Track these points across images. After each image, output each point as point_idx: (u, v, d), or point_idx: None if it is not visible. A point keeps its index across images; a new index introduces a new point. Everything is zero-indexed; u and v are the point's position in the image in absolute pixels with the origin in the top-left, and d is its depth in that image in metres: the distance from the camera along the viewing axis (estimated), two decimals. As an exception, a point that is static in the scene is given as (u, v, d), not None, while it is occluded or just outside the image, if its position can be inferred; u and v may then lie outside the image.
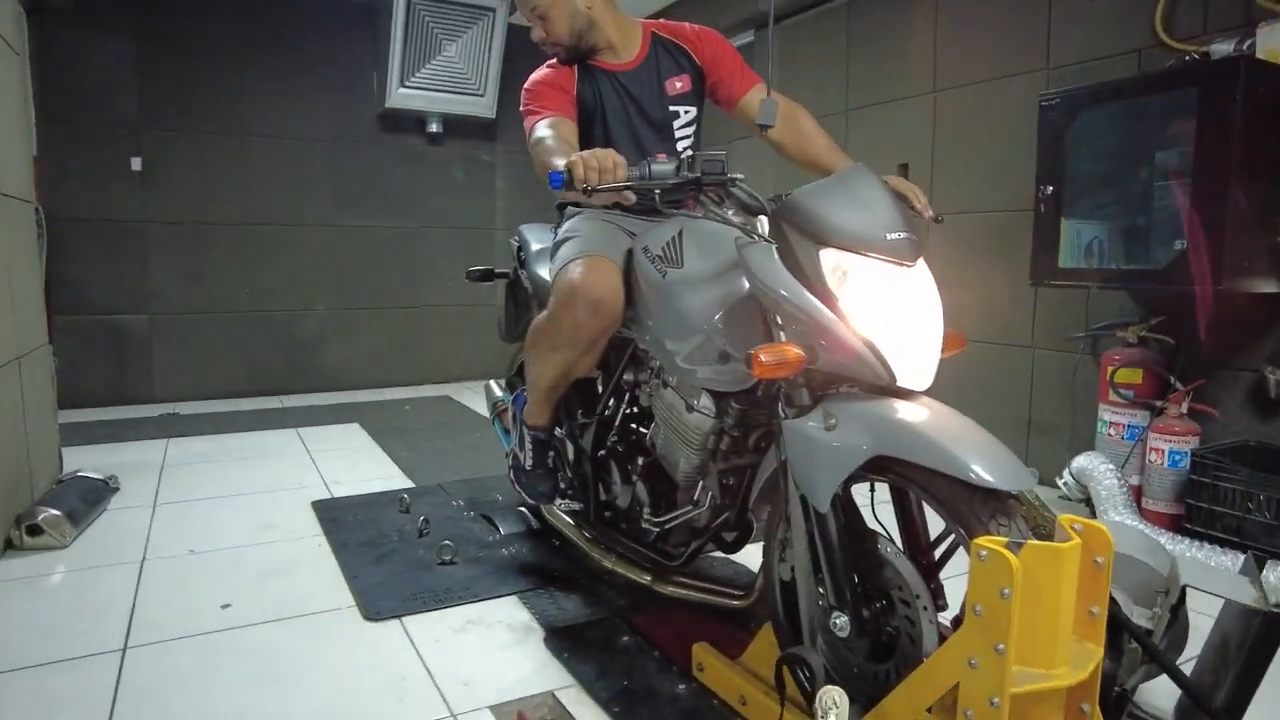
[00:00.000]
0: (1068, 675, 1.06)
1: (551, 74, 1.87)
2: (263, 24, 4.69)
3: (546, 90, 1.82)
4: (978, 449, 1.14)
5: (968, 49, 3.26)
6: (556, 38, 1.85)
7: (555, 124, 1.74)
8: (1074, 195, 2.51)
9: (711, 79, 1.96)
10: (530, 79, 1.88)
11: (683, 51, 1.95)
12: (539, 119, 1.77)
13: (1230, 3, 2.42)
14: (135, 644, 1.78)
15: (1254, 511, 2.15)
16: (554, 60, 1.91)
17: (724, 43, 1.99)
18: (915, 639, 1.24)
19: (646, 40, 1.93)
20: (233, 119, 4.67)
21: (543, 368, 1.81)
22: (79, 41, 4.21)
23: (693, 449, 1.63)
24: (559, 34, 1.85)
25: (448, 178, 5.36)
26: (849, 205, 1.30)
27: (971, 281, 3.03)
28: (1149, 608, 1.35)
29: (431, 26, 4.74)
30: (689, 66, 1.94)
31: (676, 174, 1.37)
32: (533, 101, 1.82)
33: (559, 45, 1.87)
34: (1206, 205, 2.16)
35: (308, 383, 5.00)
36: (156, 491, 2.90)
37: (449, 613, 1.94)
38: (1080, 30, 2.84)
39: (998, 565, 1.02)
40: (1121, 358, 2.60)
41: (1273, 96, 2.13)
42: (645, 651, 1.76)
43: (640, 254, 1.69)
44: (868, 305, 1.25)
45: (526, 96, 1.85)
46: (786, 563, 1.44)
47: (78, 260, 4.26)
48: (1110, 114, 2.42)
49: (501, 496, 2.84)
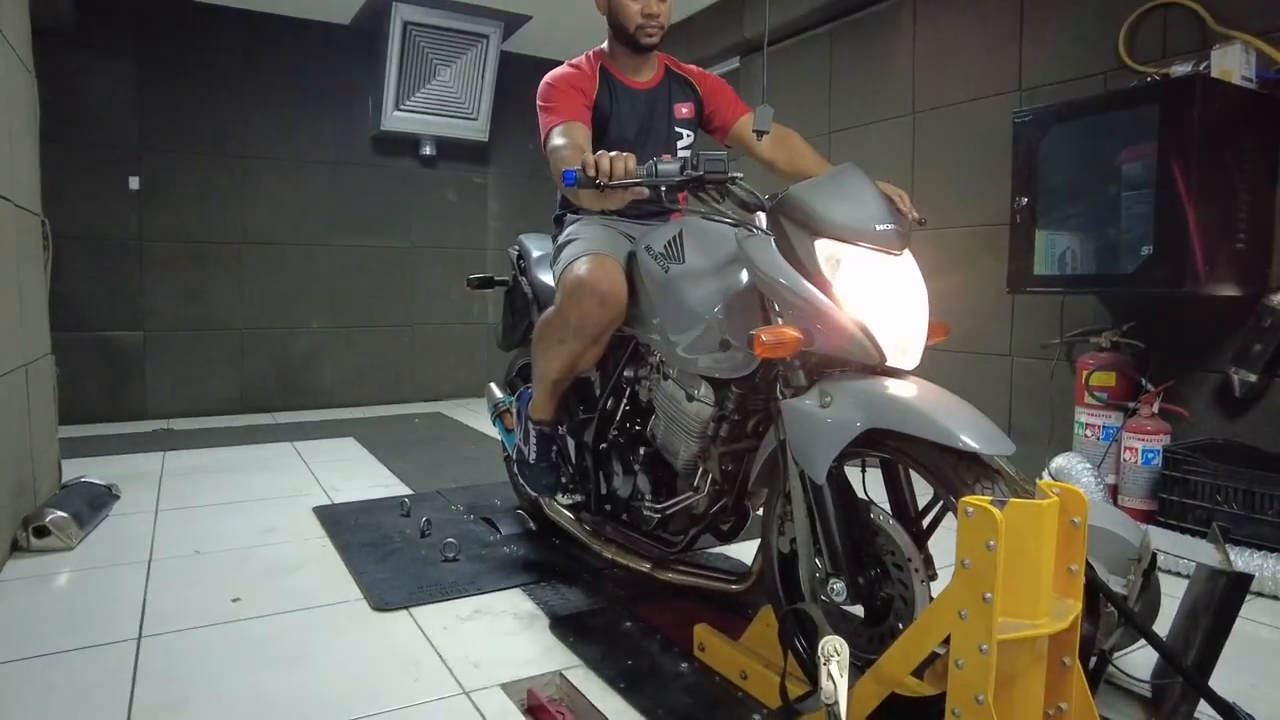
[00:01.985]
0: (1050, 625, 1.15)
1: (574, 75, 1.98)
2: (261, 48, 4.80)
3: (567, 90, 1.93)
4: (962, 418, 1.23)
5: (944, 73, 3.43)
6: (666, 19, 1.99)
7: (570, 129, 1.85)
8: (1047, 206, 2.65)
9: (709, 108, 2.16)
10: (552, 74, 1.98)
11: (689, 84, 2.15)
12: (556, 124, 1.87)
13: (1187, 28, 2.59)
14: (150, 633, 1.82)
15: (1223, 503, 2.26)
16: (578, 62, 2.02)
17: (722, 81, 2.21)
18: (909, 600, 1.32)
19: (661, 68, 2.12)
20: (230, 140, 4.77)
21: (550, 360, 1.89)
22: (81, 63, 4.30)
23: (693, 436, 1.72)
24: (668, 18, 2.00)
25: (441, 199, 5.47)
26: (841, 200, 1.41)
27: (951, 292, 3.14)
28: (1123, 576, 1.44)
29: (427, 52, 4.87)
30: (694, 98, 2.14)
31: (681, 172, 1.48)
32: (550, 100, 1.92)
33: (662, 29, 1.99)
34: (1170, 214, 2.30)
35: (300, 400, 5.04)
36: (157, 499, 2.93)
37: (456, 603, 2.00)
38: (1050, 54, 3.01)
39: (984, 520, 1.10)
40: (1095, 362, 2.73)
41: (1227, 112, 2.29)
42: (648, 635, 1.82)
43: (643, 252, 1.79)
44: (859, 291, 1.36)
45: (546, 92, 1.94)
46: (785, 536, 1.52)
47: (74, 277, 4.29)
48: (1080, 129, 2.57)
49: (500, 501, 2.90)
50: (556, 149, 1.82)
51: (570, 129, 1.85)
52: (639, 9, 1.94)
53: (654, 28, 1.97)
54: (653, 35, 1.98)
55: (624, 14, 1.95)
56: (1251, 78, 2.36)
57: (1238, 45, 2.35)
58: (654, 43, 2.00)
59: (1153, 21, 2.69)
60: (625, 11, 1.95)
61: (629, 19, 1.95)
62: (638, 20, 1.95)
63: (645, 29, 1.96)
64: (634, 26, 1.96)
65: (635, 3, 1.94)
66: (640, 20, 1.95)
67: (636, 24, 1.95)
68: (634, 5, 1.94)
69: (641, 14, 1.94)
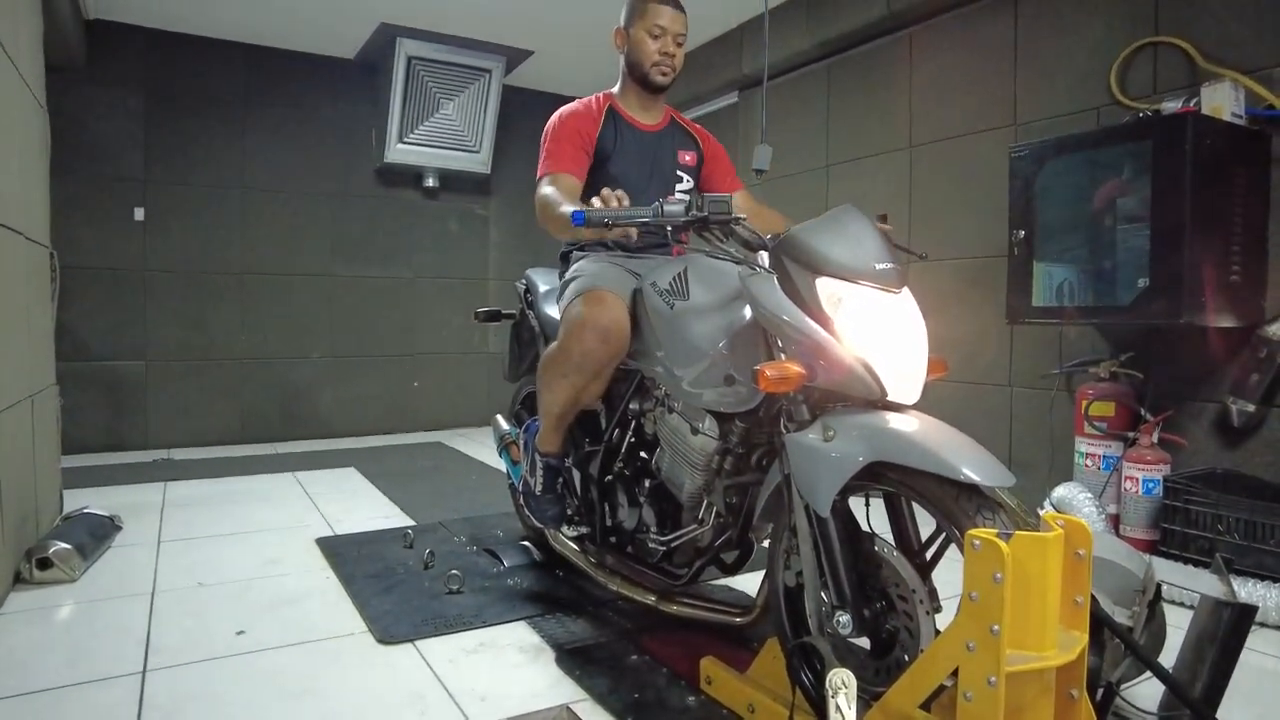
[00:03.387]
0: (1057, 657, 1.16)
1: (580, 115, 2.06)
2: (266, 81, 4.88)
3: (569, 137, 2.02)
4: (964, 451, 1.26)
5: (941, 107, 3.50)
6: (679, 63, 2.09)
7: (558, 180, 1.95)
8: (1045, 239, 2.69)
9: (706, 169, 2.26)
10: (560, 112, 2.08)
11: (693, 137, 2.25)
12: (547, 173, 1.98)
13: (1177, 65, 2.65)
14: (154, 667, 1.81)
15: (1225, 533, 2.27)
16: (587, 101, 2.11)
17: (723, 148, 2.31)
18: (914, 633, 1.33)
19: (667, 115, 2.22)
20: (235, 172, 4.83)
21: (554, 394, 1.91)
22: (90, 98, 4.38)
23: (697, 469, 1.74)
24: (680, 63, 2.09)
25: (443, 230, 5.52)
26: (841, 239, 1.44)
27: (951, 324, 3.18)
28: (1128, 607, 1.45)
29: (430, 86, 4.95)
30: (696, 149, 2.23)
31: (686, 213, 1.51)
32: (550, 144, 2.02)
33: (675, 70, 2.09)
34: (1165, 246, 2.34)
35: (301, 430, 5.04)
36: (159, 530, 2.93)
37: (461, 636, 2.00)
38: (1044, 90, 3.08)
39: (990, 553, 1.12)
40: (1095, 392, 2.75)
41: (1219, 147, 2.34)
42: (654, 668, 1.82)
43: (649, 289, 1.82)
44: (860, 327, 1.39)
45: (549, 133, 2.05)
46: (791, 570, 1.53)
47: (78, 308, 4.33)
48: (1076, 163, 2.62)
49: (502, 532, 2.90)
50: (543, 197, 1.90)
51: (558, 180, 1.95)
52: (656, 48, 2.04)
53: (668, 68, 2.07)
54: (666, 75, 2.07)
55: (641, 51, 2.05)
56: (1241, 114, 2.41)
57: (1227, 83, 2.41)
58: (665, 84, 2.09)
59: (1143, 59, 2.75)
60: (643, 49, 2.04)
61: (646, 56, 2.05)
62: (654, 59, 2.05)
63: (660, 68, 2.06)
64: (649, 64, 2.05)
65: (653, 42, 2.04)
66: (657, 59, 2.05)
67: (653, 62, 2.05)
68: (652, 45, 2.04)
69: (658, 53, 2.04)
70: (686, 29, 2.08)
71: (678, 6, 2.07)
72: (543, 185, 1.96)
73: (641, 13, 2.04)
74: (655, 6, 2.04)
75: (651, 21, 2.03)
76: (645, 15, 2.04)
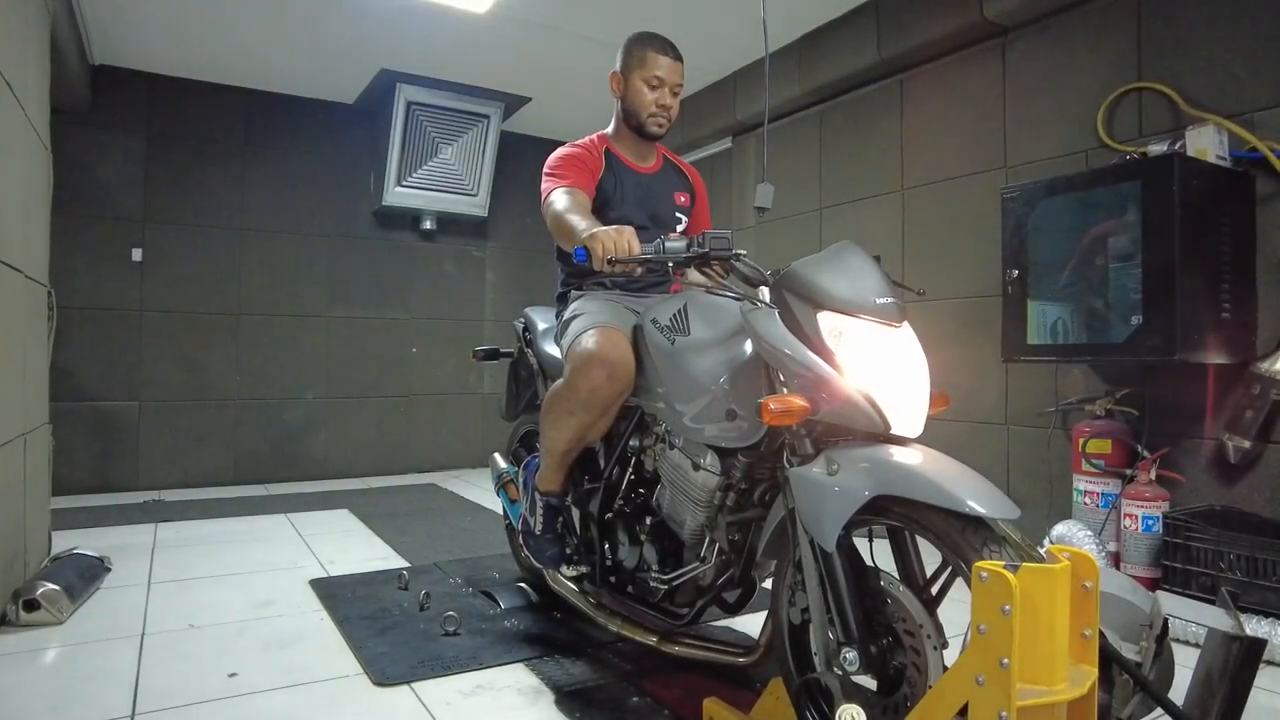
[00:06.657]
0: (1068, 691, 1.14)
1: (581, 154, 2.08)
2: (267, 125, 4.95)
3: (575, 165, 2.03)
4: (968, 484, 1.26)
5: (932, 151, 3.57)
6: (674, 114, 2.12)
7: (572, 193, 1.94)
8: (1037, 278, 2.73)
9: (696, 208, 2.28)
10: (560, 151, 2.09)
11: (685, 178, 2.28)
12: (558, 186, 1.96)
13: (1161, 110, 2.73)
14: (143, 710, 1.77)
15: (1226, 570, 2.26)
16: (583, 143, 2.12)
17: (705, 190, 2.35)
18: (921, 669, 1.32)
19: (661, 157, 2.25)
20: (233, 214, 4.86)
21: (559, 432, 1.91)
22: (92, 140, 4.43)
23: (699, 506, 1.72)
24: (676, 113, 2.12)
25: (440, 272, 5.56)
26: (842, 274, 1.46)
27: (946, 364, 3.19)
28: (1135, 642, 1.44)
29: (429, 131, 5.03)
30: (689, 189, 2.26)
31: (688, 249, 1.53)
32: (557, 170, 2.02)
33: (670, 121, 2.12)
34: (1156, 284, 2.37)
35: (294, 471, 5.00)
36: (150, 571, 2.88)
37: (458, 678, 1.96)
38: (1033, 133, 3.15)
39: (998, 585, 1.11)
40: (1091, 429, 2.76)
41: (1205, 188, 2.39)
42: (655, 710, 1.79)
43: (649, 325, 1.83)
44: (862, 360, 1.40)
45: (554, 165, 2.05)
46: (796, 606, 1.51)
47: (73, 347, 4.32)
48: (1067, 204, 2.67)
49: (498, 573, 2.86)
50: (557, 211, 1.89)
51: (573, 193, 1.94)
52: (654, 99, 2.06)
53: (664, 119, 2.09)
54: (661, 126, 2.10)
55: (639, 101, 2.07)
56: (1225, 156, 2.47)
57: (1210, 126, 2.47)
58: (661, 134, 2.12)
59: (1128, 103, 2.83)
60: (640, 99, 2.06)
61: (643, 106, 2.07)
62: (651, 109, 2.07)
63: (657, 118, 2.08)
64: (646, 115, 2.07)
65: (651, 93, 2.06)
66: (654, 110, 2.07)
67: (649, 113, 2.07)
68: (649, 95, 2.06)
69: (655, 104, 2.06)
70: (684, 78, 2.11)
71: (676, 56, 2.09)
72: (555, 197, 1.94)
73: (641, 61, 2.06)
74: (654, 56, 2.06)
75: (650, 71, 2.05)
76: (644, 65, 2.06)
